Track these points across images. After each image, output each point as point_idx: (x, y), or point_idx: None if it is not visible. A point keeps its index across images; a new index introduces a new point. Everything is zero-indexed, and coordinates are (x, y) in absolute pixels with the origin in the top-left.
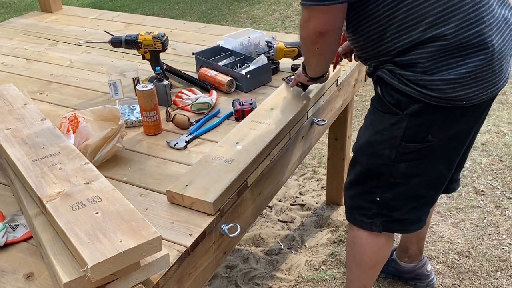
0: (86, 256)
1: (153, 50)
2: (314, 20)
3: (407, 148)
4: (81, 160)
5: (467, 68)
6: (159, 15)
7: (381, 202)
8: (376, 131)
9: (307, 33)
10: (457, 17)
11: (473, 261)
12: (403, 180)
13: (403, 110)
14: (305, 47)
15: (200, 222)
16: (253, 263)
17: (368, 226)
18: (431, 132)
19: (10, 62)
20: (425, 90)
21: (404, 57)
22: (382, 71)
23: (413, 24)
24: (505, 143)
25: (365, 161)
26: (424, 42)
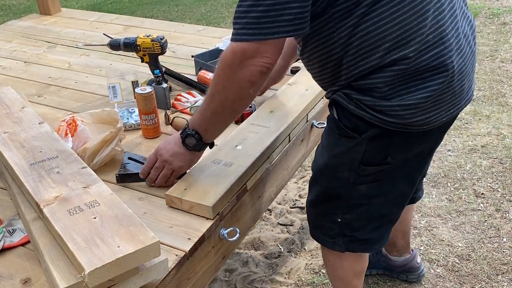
0: (83, 261)
1: (152, 53)
2: (264, 55)
3: (366, 171)
4: (79, 164)
5: (427, 92)
6: (158, 17)
7: (342, 222)
8: (334, 154)
9: (248, 74)
10: (416, 40)
11: (473, 265)
12: (364, 201)
13: (361, 134)
14: (235, 94)
15: (199, 226)
16: (253, 266)
17: (331, 245)
18: (390, 155)
19: (8, 65)
20: (382, 115)
21: (361, 81)
22: (338, 95)
23: (370, 50)
24: (505, 146)
25: (324, 183)
26: (382, 67)
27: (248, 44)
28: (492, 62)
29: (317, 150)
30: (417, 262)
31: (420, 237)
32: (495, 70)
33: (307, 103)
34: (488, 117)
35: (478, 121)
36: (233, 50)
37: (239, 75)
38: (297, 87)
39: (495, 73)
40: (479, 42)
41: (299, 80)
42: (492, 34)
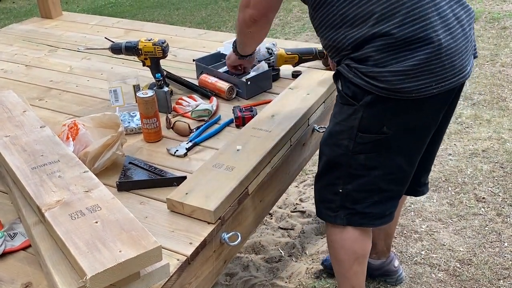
0: (85, 266)
1: (153, 57)
2: (253, 7)
3: (363, 139)
4: (81, 168)
5: (415, 61)
6: (159, 21)
7: (343, 193)
8: (336, 122)
9: (243, 17)
10: (400, 13)
11: (475, 269)
12: (363, 172)
13: (359, 101)
14: (239, 28)
15: (200, 230)
16: (253, 270)
17: (333, 219)
18: (386, 124)
19: (9, 68)
20: (374, 81)
21: (358, 52)
22: (341, 66)
23: (362, 21)
24: (506, 150)
25: (327, 152)
26: (372, 37)
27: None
28: (492, 67)
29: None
30: (394, 266)
31: (421, 242)
32: (495, 74)
33: (308, 107)
34: (489, 121)
35: (479, 125)
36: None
37: (240, 17)
38: (298, 91)
39: (495, 77)
40: (479, 47)
41: (300, 84)
42: (493, 39)
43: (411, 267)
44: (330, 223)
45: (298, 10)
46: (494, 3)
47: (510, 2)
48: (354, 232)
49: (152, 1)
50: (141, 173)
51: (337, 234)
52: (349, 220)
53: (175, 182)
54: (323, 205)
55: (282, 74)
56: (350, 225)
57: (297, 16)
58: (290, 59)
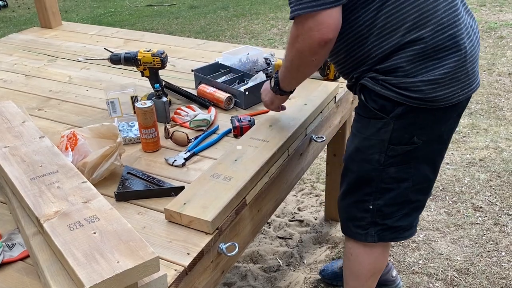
0: (83, 277)
1: (152, 67)
2: (321, 27)
3: (395, 151)
4: (79, 179)
5: (445, 69)
6: (158, 30)
7: (373, 210)
8: (364, 137)
9: (309, 44)
10: (432, 21)
11: (472, 279)
12: (393, 185)
13: (388, 114)
14: (299, 60)
15: (198, 241)
16: (251, 280)
17: (363, 238)
18: (416, 134)
19: (9, 78)
20: (407, 92)
21: (385, 63)
22: (365, 80)
23: (392, 30)
24: (503, 159)
25: (356, 168)
26: (403, 46)
27: (302, 18)
28: (489, 76)
29: (347, 142)
30: (392, 276)
31: (418, 251)
32: (492, 83)
33: (305, 117)
34: (486, 130)
35: (476, 134)
36: (294, 24)
37: (301, 46)
38: (296, 101)
39: (492, 86)
40: None
41: (297, 94)
42: (489, 48)
43: (408, 276)
44: (360, 241)
45: None
46: (491, 12)
47: (506, 12)
48: (378, 249)
49: (151, 10)
50: (139, 183)
51: (361, 250)
52: (380, 237)
53: (173, 192)
54: (352, 223)
55: None
56: (381, 241)
57: None
58: None
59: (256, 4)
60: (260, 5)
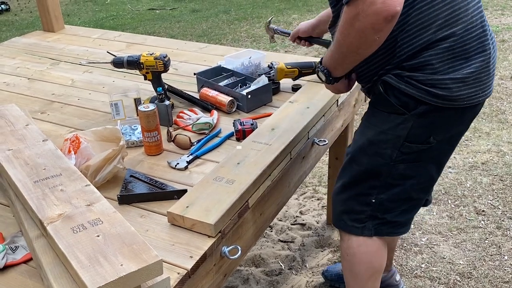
0: (86, 280)
1: (155, 71)
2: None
3: (409, 149)
4: (82, 182)
5: (471, 69)
6: (160, 33)
7: (376, 203)
8: (381, 131)
9: (373, 21)
10: (463, 19)
11: (475, 283)
12: (400, 181)
13: (410, 111)
14: (359, 41)
15: (201, 244)
16: (253, 284)
17: (360, 231)
18: (433, 134)
19: (12, 81)
20: (434, 89)
21: (413, 60)
22: (387, 77)
23: (423, 27)
24: (505, 163)
25: (365, 161)
26: (434, 43)
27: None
28: None
29: (356, 135)
30: (395, 280)
31: (421, 255)
32: (494, 87)
33: (308, 120)
34: (488, 134)
35: (478, 138)
36: (354, 4)
37: (363, 24)
38: (298, 105)
39: (494, 90)
40: None
41: (300, 98)
42: None
43: (411, 280)
44: (355, 235)
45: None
46: (493, 16)
47: (508, 16)
48: (374, 245)
49: (153, 14)
50: (142, 186)
51: (357, 247)
52: (377, 231)
53: (175, 195)
54: (348, 217)
55: (282, 88)
56: (376, 235)
57: None
58: (290, 73)
59: (257, 8)
60: (262, 9)
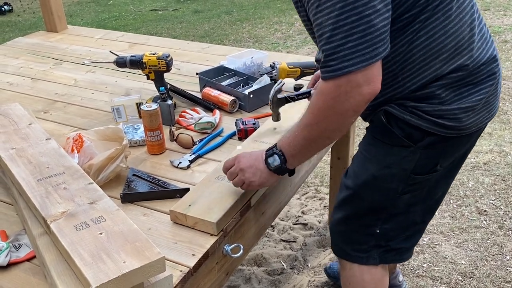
0: (89, 277)
1: (157, 71)
2: (371, 81)
3: (415, 180)
4: (86, 180)
5: (481, 95)
6: (162, 34)
7: (380, 233)
8: (385, 165)
9: (356, 103)
10: (469, 47)
11: (477, 282)
12: (405, 209)
13: (416, 143)
14: (338, 123)
15: (203, 242)
16: (255, 283)
17: (365, 260)
18: (440, 162)
19: (15, 81)
20: (441, 120)
21: (418, 92)
22: (390, 106)
23: (428, 63)
24: (507, 163)
25: (369, 197)
26: (441, 78)
27: (352, 75)
28: None
29: (355, 166)
30: (398, 281)
31: (423, 254)
32: None
33: None
34: (490, 134)
35: (480, 138)
36: (336, 83)
37: (345, 107)
38: (300, 105)
39: None
40: None
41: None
42: None
43: (413, 280)
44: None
45: (300, 23)
46: (495, 17)
47: (511, 16)
48: (378, 272)
49: (156, 15)
50: (144, 185)
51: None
52: (381, 259)
53: (178, 194)
54: (351, 247)
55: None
56: (382, 263)
57: (299, 29)
58: (292, 73)
59: (260, 9)
60: (264, 10)
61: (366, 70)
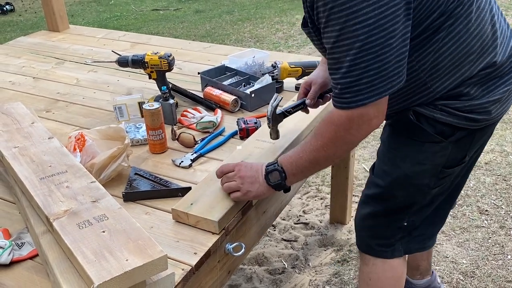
0: (92, 274)
1: (159, 70)
2: (380, 113)
3: (445, 173)
4: (88, 179)
5: (506, 86)
6: (164, 34)
7: (407, 226)
8: (416, 162)
9: (364, 134)
10: (494, 44)
11: (478, 282)
12: (430, 201)
13: (447, 138)
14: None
15: (205, 241)
16: (257, 282)
17: (390, 254)
18: (468, 154)
19: (17, 81)
20: (472, 115)
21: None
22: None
23: (456, 67)
24: (508, 163)
25: (402, 194)
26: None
27: (365, 108)
28: None
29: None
30: (438, 283)
31: None
32: None
33: (311, 119)
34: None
35: None
36: (349, 116)
37: (355, 138)
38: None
39: None
40: None
41: None
42: None
43: None
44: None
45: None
46: None
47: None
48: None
49: (157, 15)
50: (146, 183)
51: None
52: (406, 249)
53: (180, 193)
54: (377, 242)
55: (285, 87)
56: (406, 254)
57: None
58: (294, 72)
59: (261, 8)
60: (265, 9)
61: (378, 102)
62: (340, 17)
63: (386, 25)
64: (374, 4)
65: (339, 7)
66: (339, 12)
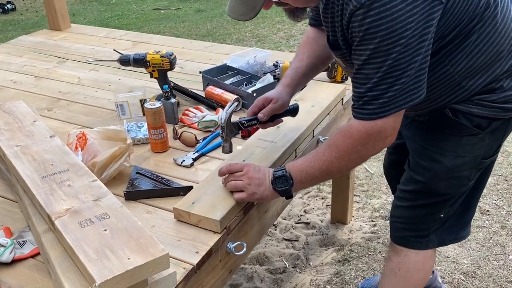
0: (94, 273)
1: (161, 69)
2: (395, 127)
3: (483, 164)
4: (90, 177)
5: None
6: (165, 33)
7: (443, 217)
8: (457, 155)
9: (378, 149)
10: None
11: (479, 282)
12: (464, 192)
13: (484, 129)
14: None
15: (206, 240)
16: (258, 281)
17: (424, 245)
18: (500, 143)
19: (19, 79)
20: (507, 105)
21: (482, 89)
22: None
23: (488, 66)
24: (510, 163)
25: (442, 187)
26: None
27: (384, 122)
28: None
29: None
30: (439, 282)
31: None
32: None
33: (313, 119)
34: None
35: None
36: (368, 131)
37: (369, 153)
38: (304, 103)
39: None
40: None
41: (305, 96)
42: None
43: None
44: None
45: (303, 23)
46: None
47: None
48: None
49: (158, 14)
50: (148, 183)
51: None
52: (440, 241)
53: (181, 192)
54: (412, 233)
55: None
56: (440, 246)
57: (302, 29)
58: None
59: None
60: None
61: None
62: (375, 38)
63: (414, 43)
64: (408, 25)
65: (375, 28)
66: (374, 34)
